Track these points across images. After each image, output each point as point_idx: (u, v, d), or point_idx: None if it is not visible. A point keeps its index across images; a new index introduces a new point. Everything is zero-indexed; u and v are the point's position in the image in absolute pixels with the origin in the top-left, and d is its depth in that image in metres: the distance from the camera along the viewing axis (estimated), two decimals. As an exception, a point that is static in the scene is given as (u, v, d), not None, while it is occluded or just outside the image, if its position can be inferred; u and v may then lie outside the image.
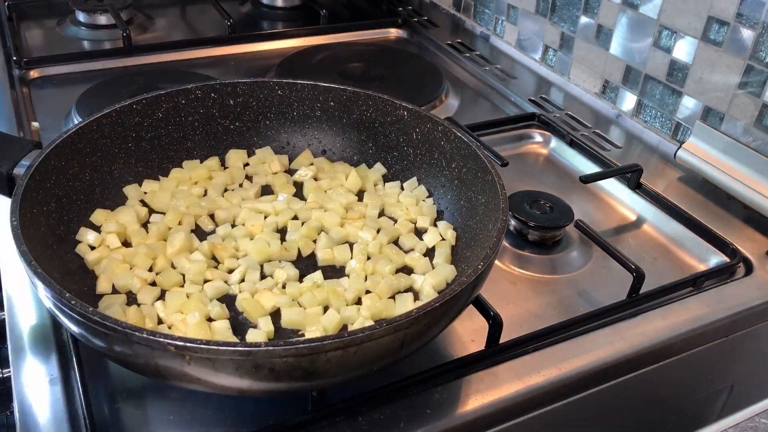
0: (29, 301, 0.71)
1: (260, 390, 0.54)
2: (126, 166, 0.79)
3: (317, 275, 0.70)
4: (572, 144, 1.02)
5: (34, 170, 0.66)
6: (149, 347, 0.50)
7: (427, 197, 0.81)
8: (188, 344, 0.49)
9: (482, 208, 0.72)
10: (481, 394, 0.63)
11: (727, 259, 0.82)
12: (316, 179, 0.84)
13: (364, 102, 0.84)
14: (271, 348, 0.50)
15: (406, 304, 0.67)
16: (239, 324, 0.66)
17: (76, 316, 0.52)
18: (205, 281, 0.69)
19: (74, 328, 0.55)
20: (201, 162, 0.84)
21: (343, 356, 0.52)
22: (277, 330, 0.65)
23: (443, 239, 0.75)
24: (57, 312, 0.55)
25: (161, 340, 0.49)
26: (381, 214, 0.80)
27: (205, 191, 0.81)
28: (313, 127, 0.87)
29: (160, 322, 0.65)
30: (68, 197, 0.72)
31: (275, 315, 0.66)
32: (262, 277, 0.71)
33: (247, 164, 0.85)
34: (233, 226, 0.77)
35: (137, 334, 0.50)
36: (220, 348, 0.49)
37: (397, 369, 0.63)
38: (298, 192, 0.83)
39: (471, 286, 0.58)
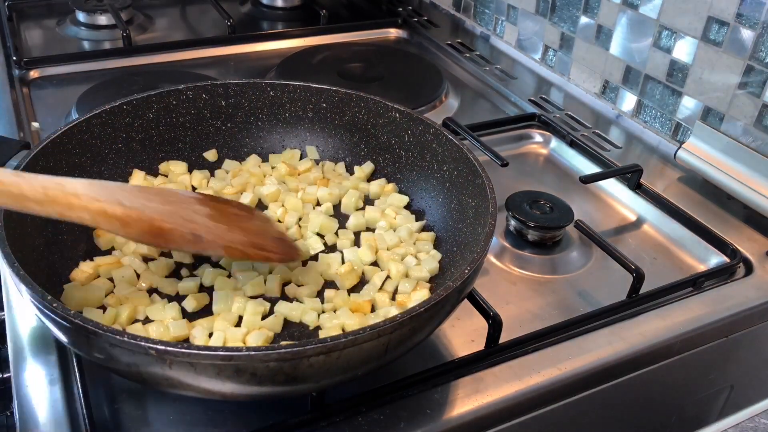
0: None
1: (243, 395, 0.53)
2: (115, 167, 0.79)
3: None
4: (572, 144, 1.02)
5: (21, 171, 0.65)
6: (130, 351, 0.49)
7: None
8: (169, 348, 0.49)
9: (472, 211, 0.72)
10: (481, 394, 0.63)
11: (727, 260, 0.82)
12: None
13: (356, 103, 0.84)
14: (252, 353, 0.49)
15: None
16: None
17: (58, 320, 0.52)
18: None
19: (57, 332, 0.54)
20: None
21: (326, 361, 0.51)
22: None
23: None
24: (39, 315, 0.54)
25: (142, 343, 0.49)
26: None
27: None
28: (305, 129, 0.87)
29: None
30: (56, 198, 0.71)
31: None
32: None
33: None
34: None
35: (117, 337, 0.49)
36: (201, 353, 0.49)
37: (396, 369, 0.63)
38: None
39: (457, 291, 0.57)
